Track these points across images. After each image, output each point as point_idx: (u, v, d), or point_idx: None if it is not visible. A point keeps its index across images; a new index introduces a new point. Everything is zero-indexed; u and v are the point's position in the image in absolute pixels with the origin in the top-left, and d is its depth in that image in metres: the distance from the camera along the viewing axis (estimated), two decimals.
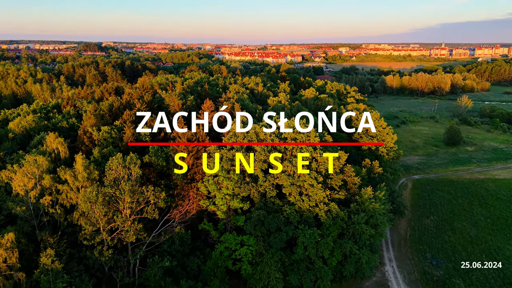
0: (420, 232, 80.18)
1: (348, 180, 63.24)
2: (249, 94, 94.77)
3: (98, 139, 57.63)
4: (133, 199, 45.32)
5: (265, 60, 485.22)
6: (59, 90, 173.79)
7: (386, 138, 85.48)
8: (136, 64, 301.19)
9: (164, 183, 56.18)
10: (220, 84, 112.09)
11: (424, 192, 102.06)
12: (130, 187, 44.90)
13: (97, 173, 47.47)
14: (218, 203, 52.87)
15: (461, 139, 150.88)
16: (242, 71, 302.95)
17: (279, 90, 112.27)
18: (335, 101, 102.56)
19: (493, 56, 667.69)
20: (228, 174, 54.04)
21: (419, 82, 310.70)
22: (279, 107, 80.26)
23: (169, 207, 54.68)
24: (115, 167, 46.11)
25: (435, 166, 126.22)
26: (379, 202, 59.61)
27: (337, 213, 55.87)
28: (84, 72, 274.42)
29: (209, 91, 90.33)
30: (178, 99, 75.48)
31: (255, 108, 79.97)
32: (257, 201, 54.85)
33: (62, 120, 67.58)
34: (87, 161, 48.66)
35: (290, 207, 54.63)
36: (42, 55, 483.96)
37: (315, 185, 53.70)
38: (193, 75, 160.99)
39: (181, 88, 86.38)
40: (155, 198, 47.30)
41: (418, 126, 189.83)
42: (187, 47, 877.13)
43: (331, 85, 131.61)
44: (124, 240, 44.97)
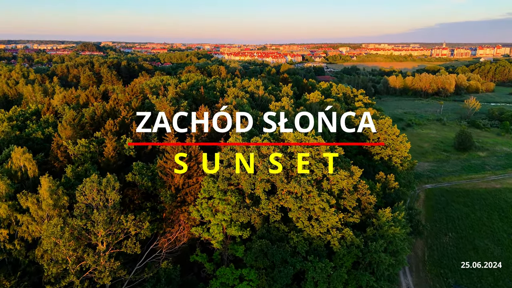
0: (439, 252, 72.30)
1: (362, 199, 55.25)
2: (249, 98, 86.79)
3: (74, 154, 49.60)
4: (109, 231, 37.29)
5: (265, 60, 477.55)
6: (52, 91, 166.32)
7: (400, 147, 77.52)
8: (133, 65, 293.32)
9: (150, 205, 48.18)
10: (218, 87, 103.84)
11: (438, 204, 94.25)
12: (105, 217, 36.87)
13: (66, 199, 39.45)
14: (213, 232, 44.87)
15: (472, 144, 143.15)
16: (241, 71, 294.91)
17: (281, 93, 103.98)
18: (342, 105, 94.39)
19: (495, 56, 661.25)
20: (225, 196, 46.08)
21: (423, 82, 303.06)
22: (283, 114, 72.40)
23: (156, 234, 46.71)
24: (88, 191, 38.09)
25: (447, 173, 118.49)
26: (399, 225, 51.65)
27: (352, 240, 47.88)
28: (79, 72, 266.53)
29: (205, 95, 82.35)
30: (170, 105, 67.47)
31: (256, 114, 71.94)
32: (259, 227, 46.87)
33: (37, 130, 59.42)
34: (56, 183, 40.62)
35: (298, 235, 46.65)
36: (39, 55, 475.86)
37: (327, 208, 45.74)
38: (190, 77, 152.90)
39: (174, 92, 78.36)
40: (137, 228, 39.29)
41: (425, 130, 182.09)
42: (186, 47, 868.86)
43: (337, 87, 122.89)
44: (98, 283, 36.96)
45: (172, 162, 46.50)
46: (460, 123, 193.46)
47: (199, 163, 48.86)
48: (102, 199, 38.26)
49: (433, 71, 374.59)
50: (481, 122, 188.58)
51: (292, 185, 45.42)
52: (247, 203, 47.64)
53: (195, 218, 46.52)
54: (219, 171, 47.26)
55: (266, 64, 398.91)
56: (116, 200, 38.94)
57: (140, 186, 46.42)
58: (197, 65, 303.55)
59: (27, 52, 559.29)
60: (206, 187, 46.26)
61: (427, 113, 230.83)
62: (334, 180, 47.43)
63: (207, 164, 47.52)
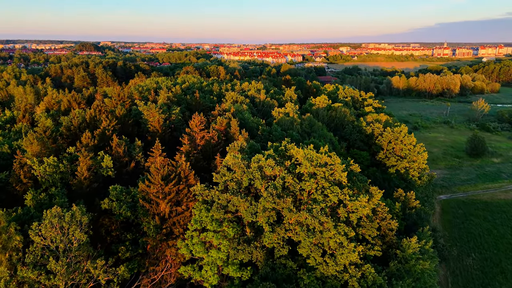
0: (464, 278, 64.24)
1: (382, 224, 47.16)
2: (249, 104, 78.46)
3: (41, 176, 41.40)
4: (71, 283, 29.14)
5: (265, 60, 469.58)
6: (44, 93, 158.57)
7: (418, 158, 69.34)
8: (129, 65, 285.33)
9: (130, 237, 39.99)
10: (215, 90, 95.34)
11: (456, 219, 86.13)
12: (67, 265, 28.71)
13: (19, 239, 31.23)
14: (206, 272, 36.72)
15: (485, 149, 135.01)
16: (241, 71, 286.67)
17: (284, 97, 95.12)
18: (351, 110, 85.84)
19: (497, 56, 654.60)
20: (221, 227, 37.95)
21: (427, 83, 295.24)
22: (287, 122, 64.06)
23: (138, 273, 38.55)
24: (45, 231, 29.94)
25: (462, 182, 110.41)
26: (427, 258, 43.55)
27: (374, 279, 39.74)
28: (73, 73, 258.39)
29: (200, 101, 74.05)
30: (159, 112, 59.28)
31: (257, 123, 63.69)
32: (262, 265, 38.71)
33: (3, 144, 50.93)
34: (9, 216, 32.44)
35: (309, 274, 38.51)
36: (35, 55, 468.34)
37: (344, 243, 37.62)
38: (187, 78, 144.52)
39: (165, 97, 70.09)
40: (109, 275, 31.13)
41: (433, 133, 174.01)
42: (185, 47, 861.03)
43: (344, 91, 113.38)
44: None
45: (156, 186, 38.32)
46: (469, 126, 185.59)
47: (189, 186, 40.72)
48: (64, 240, 30.09)
49: (435, 71, 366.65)
50: (491, 125, 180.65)
51: (303, 215, 37.28)
52: (248, 234, 39.49)
53: (185, 255, 38.38)
54: (213, 197, 39.10)
55: (266, 64, 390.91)
56: (82, 241, 30.78)
57: (117, 216, 38.25)
58: (196, 65, 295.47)
59: (24, 52, 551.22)
60: (198, 217, 38.12)
61: (433, 115, 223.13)
62: (353, 208, 39.28)
63: (200, 188, 39.37)
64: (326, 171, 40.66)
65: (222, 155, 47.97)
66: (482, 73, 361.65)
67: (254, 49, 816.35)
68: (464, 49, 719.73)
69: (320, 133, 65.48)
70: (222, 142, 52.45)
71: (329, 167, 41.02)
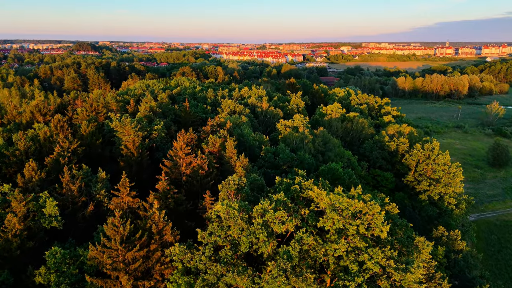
0: None
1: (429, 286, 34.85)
2: (249, 114, 65.83)
3: None
4: None
5: (265, 60, 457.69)
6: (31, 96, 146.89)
7: (454, 181, 57.06)
8: (123, 66, 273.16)
9: None
10: (210, 97, 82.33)
11: (490, 247, 74.01)
12: None
13: None
14: None
15: (509, 159, 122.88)
16: (240, 72, 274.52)
17: (290, 105, 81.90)
18: (368, 120, 72.64)
19: (501, 55, 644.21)
20: None
21: (434, 84, 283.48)
22: (296, 139, 51.56)
23: None
24: None
25: (489, 199, 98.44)
26: None
27: None
28: (63, 74, 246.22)
29: (191, 112, 61.57)
30: (136, 130, 46.88)
31: (259, 140, 51.30)
32: None
33: None
34: None
35: None
36: (31, 55, 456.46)
37: None
38: (181, 81, 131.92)
39: (147, 108, 57.58)
40: None
41: (446, 139, 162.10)
42: (184, 47, 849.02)
43: (358, 97, 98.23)
44: None
45: (113, 252, 25.95)
46: (483, 131, 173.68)
47: (164, 246, 28.41)
48: None
49: (440, 71, 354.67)
50: (507, 130, 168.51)
51: None
52: None
53: None
54: (198, 265, 26.78)
55: (266, 64, 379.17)
56: None
57: None
58: (193, 65, 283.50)
59: (20, 52, 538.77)
60: None
61: (443, 118, 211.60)
62: (402, 282, 26.91)
63: (179, 251, 27.04)
64: (361, 224, 28.35)
65: (213, 192, 35.70)
66: (488, 73, 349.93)
67: (254, 49, 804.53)
68: (467, 48, 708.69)
69: (336, 151, 53.32)
70: (214, 172, 40.29)
71: (364, 217, 28.69)
